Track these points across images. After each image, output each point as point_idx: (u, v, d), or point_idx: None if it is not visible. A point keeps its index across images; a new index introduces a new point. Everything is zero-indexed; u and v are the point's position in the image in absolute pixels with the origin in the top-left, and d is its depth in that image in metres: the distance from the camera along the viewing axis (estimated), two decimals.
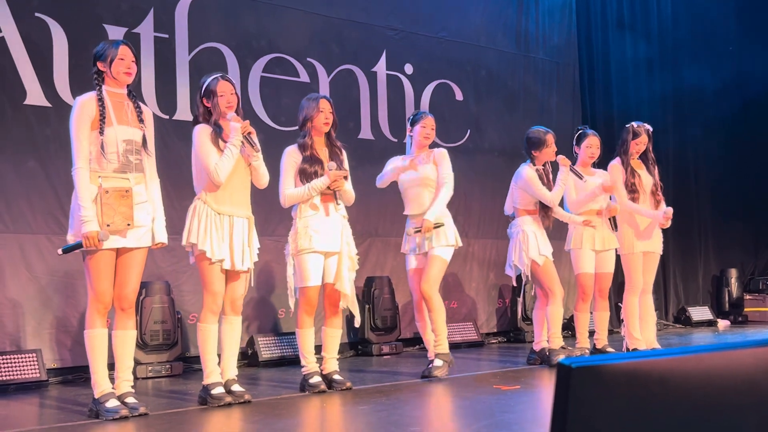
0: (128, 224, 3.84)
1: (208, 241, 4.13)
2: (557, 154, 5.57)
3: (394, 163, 5.25)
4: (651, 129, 5.88)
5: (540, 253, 5.44)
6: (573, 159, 5.92)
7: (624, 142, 5.82)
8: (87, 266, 3.87)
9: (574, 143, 5.95)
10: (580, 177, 5.53)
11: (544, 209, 5.56)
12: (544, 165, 5.60)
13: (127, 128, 3.92)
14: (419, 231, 5.02)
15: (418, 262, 5.14)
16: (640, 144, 5.80)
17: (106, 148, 3.82)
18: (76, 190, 3.82)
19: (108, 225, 3.79)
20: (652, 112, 8.89)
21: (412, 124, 5.22)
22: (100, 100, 3.87)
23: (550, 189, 5.50)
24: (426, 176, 5.08)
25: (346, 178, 4.62)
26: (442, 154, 5.14)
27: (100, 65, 3.95)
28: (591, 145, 5.83)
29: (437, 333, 5.04)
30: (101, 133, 3.82)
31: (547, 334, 5.65)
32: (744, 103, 10.00)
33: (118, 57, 3.91)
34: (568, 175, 5.52)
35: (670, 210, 5.69)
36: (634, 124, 5.86)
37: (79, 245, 3.80)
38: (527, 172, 5.51)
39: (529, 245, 5.44)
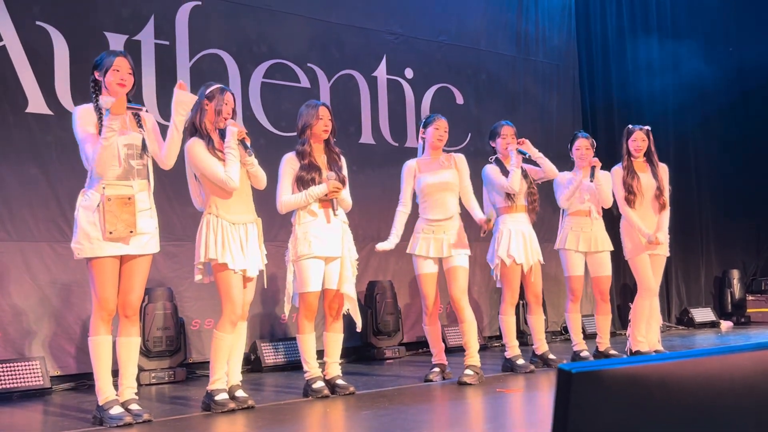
0: (131, 231, 3.85)
1: (228, 253, 4.14)
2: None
3: (409, 166, 5.22)
4: (650, 128, 5.88)
5: (508, 254, 5.36)
6: (573, 164, 5.92)
7: (622, 145, 5.86)
8: (91, 273, 3.88)
9: (569, 150, 5.95)
10: (524, 155, 5.38)
11: (531, 203, 5.48)
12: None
13: (127, 132, 3.94)
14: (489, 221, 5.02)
15: (433, 266, 5.10)
16: (637, 141, 5.79)
17: None
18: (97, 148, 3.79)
19: (110, 233, 3.80)
20: (653, 114, 8.89)
21: (425, 127, 5.22)
22: (98, 109, 3.90)
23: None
24: (449, 181, 5.09)
25: (343, 185, 4.64)
26: (463, 161, 5.19)
27: (96, 75, 3.97)
28: (579, 147, 5.82)
29: (469, 346, 5.02)
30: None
31: (541, 337, 5.66)
32: (746, 104, 10.00)
33: (113, 68, 3.92)
34: (519, 157, 5.35)
35: (657, 239, 5.65)
36: (630, 125, 5.90)
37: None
38: (488, 169, 5.51)
39: (500, 244, 5.39)
